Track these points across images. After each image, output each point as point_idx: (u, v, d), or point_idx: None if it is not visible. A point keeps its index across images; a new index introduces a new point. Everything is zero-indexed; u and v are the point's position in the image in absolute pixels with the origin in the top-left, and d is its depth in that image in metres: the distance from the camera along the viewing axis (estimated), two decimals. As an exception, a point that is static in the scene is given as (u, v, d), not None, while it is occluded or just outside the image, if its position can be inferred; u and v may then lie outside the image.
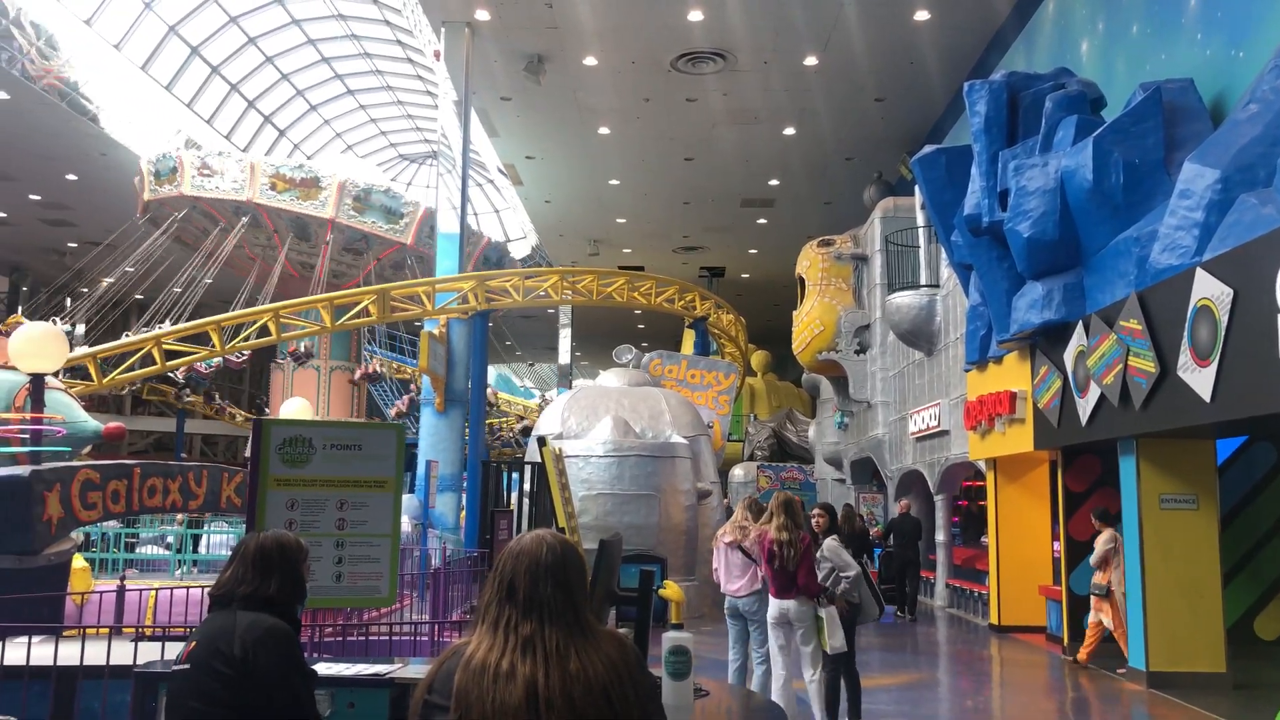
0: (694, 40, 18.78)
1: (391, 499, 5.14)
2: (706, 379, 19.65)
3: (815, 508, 8.48)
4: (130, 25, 24.57)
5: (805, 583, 7.28)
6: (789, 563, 7.26)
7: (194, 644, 3.05)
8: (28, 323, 9.03)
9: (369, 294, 19.23)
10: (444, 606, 10.33)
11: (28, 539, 6.76)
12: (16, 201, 29.53)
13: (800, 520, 7.47)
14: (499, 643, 2.05)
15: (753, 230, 30.31)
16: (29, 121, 24.10)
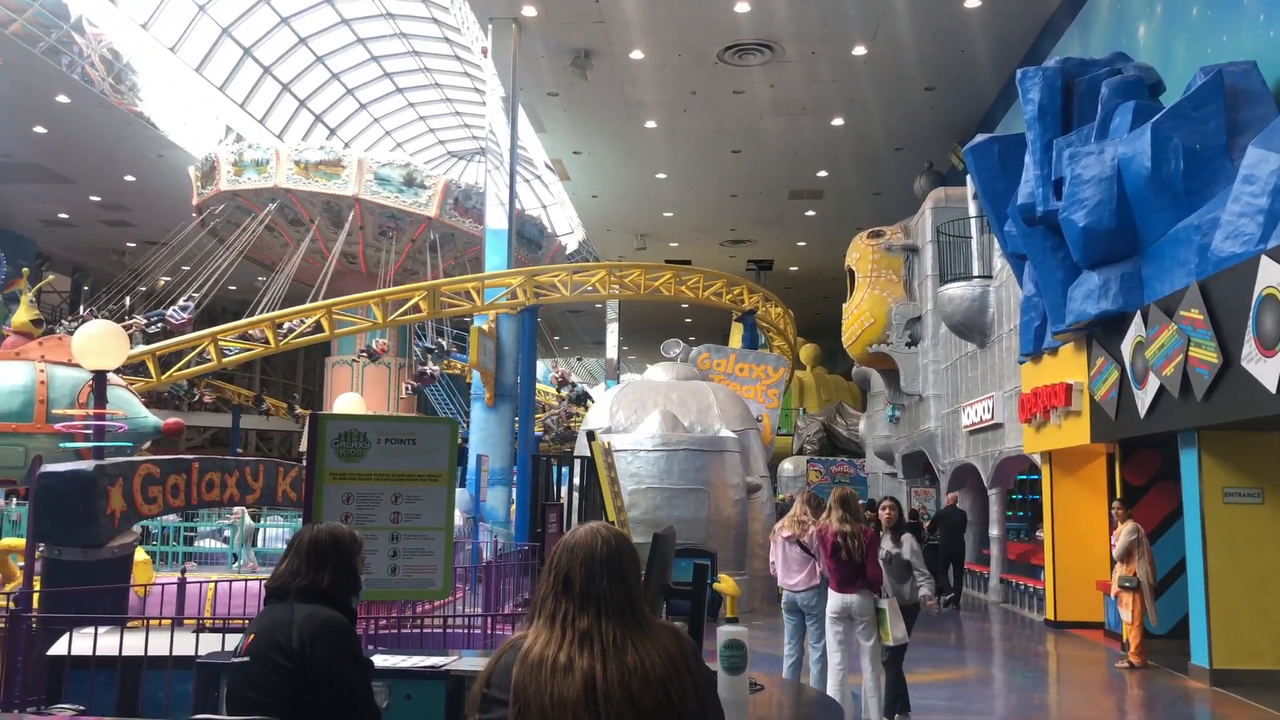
0: (740, 32, 18.67)
1: (445, 492, 5.18)
2: (755, 372, 19.55)
3: (885, 500, 8.39)
4: (185, 29, 25.00)
5: (873, 575, 7.28)
6: (855, 554, 7.23)
7: (252, 636, 3.09)
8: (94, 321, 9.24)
9: (420, 290, 19.41)
10: (496, 599, 10.40)
11: (93, 532, 6.90)
12: (78, 203, 30.24)
13: (858, 514, 7.43)
14: (556, 636, 2.05)
15: (801, 222, 30.10)
16: (89, 125, 24.64)
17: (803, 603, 8.00)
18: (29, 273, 16.40)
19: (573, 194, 29.10)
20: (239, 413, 34.16)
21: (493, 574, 10.82)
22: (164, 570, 12.65)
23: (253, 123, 29.16)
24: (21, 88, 21.57)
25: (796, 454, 29.11)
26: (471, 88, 30.79)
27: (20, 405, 9.60)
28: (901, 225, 21.57)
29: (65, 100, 23.42)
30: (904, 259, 20.98)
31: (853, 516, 7.34)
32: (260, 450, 39.00)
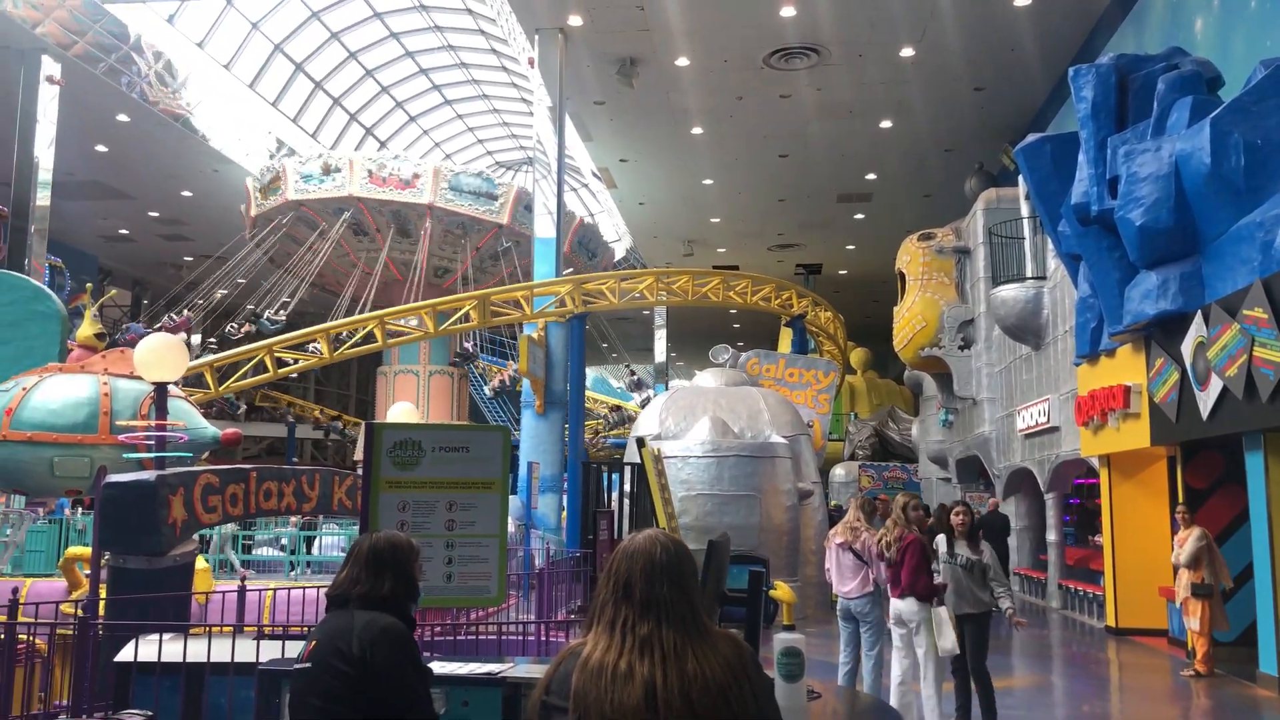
0: (786, 36, 18.62)
1: (498, 500, 5.21)
2: (805, 377, 19.43)
3: (957, 505, 8.11)
4: (239, 46, 25.50)
5: (908, 581, 7.20)
6: (891, 558, 7.27)
7: (314, 643, 3.13)
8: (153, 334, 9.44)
9: (470, 299, 19.57)
10: (549, 606, 10.44)
11: (156, 540, 7.04)
12: (137, 219, 30.99)
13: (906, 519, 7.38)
14: (616, 643, 2.06)
15: (850, 226, 29.91)
16: (147, 142, 25.23)
17: (856, 609, 7.94)
18: (92, 288, 16.82)
19: (620, 201, 29.18)
20: (295, 422, 34.66)
21: (545, 581, 10.86)
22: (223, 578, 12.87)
23: (304, 136, 29.64)
24: (83, 108, 22.15)
25: (848, 460, 28.84)
26: (518, 98, 31.02)
27: (85, 417, 9.83)
28: (952, 227, 21.33)
29: (125, 119, 24.01)
30: (955, 261, 20.74)
31: (898, 521, 7.40)
32: (315, 459, 39.54)
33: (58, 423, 9.77)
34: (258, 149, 28.18)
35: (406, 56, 29.54)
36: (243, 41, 25.48)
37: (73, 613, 8.05)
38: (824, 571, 8.36)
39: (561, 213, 19.72)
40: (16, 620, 6.29)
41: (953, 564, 7.58)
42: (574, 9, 17.89)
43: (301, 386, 39.80)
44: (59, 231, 24.22)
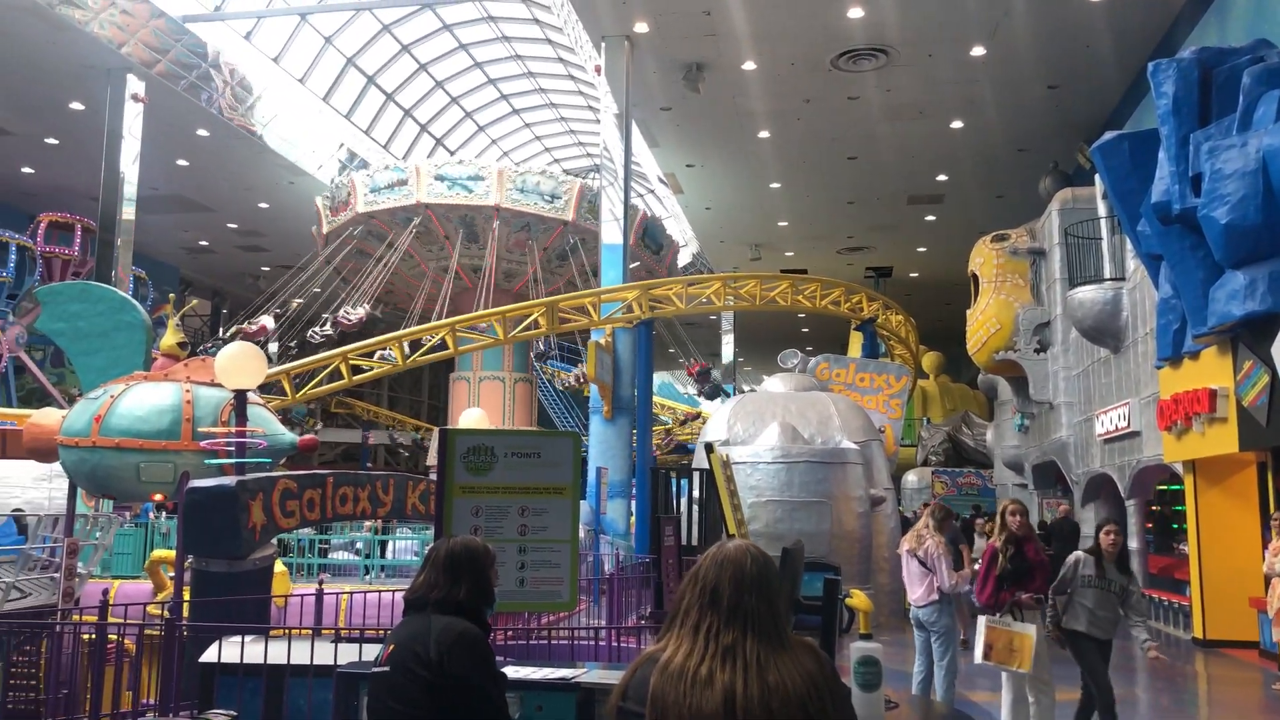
0: (854, 38, 18.45)
1: (569, 505, 5.23)
2: (877, 382, 19.18)
3: (1108, 525, 7.53)
4: (312, 60, 26.07)
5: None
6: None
7: (392, 646, 3.18)
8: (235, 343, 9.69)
9: (538, 306, 19.72)
10: (619, 612, 10.45)
11: (236, 544, 7.22)
12: (216, 230, 31.90)
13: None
14: (699, 648, 2.07)
15: (920, 228, 29.52)
16: (225, 155, 25.93)
17: (923, 617, 7.87)
18: (174, 298, 17.32)
19: (686, 207, 29.17)
20: (369, 428, 35.28)
21: (615, 586, 10.87)
22: (300, 581, 13.13)
23: (376, 148, 30.18)
24: (165, 124, 22.83)
25: (921, 465, 28.45)
26: (585, 106, 31.21)
27: (169, 424, 10.11)
28: (1027, 228, 20.91)
29: (204, 134, 24.70)
30: (1030, 263, 20.32)
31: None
32: (389, 464, 40.17)
33: (143, 429, 10.06)
34: (331, 161, 28.78)
35: (475, 67, 29.90)
36: (316, 56, 26.05)
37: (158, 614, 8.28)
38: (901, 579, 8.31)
39: (628, 219, 19.79)
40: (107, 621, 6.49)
41: (1104, 588, 7.09)
42: (640, 15, 17.95)
43: (375, 393, 40.49)
44: (142, 244, 24.98)
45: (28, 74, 21.26)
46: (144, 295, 26.03)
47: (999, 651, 6.80)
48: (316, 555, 15.98)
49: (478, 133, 34.12)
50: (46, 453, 10.82)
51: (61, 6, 19.31)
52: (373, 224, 25.03)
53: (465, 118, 32.92)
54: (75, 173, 25.00)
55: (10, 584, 10.86)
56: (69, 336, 11.70)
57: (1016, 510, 7.24)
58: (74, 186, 25.89)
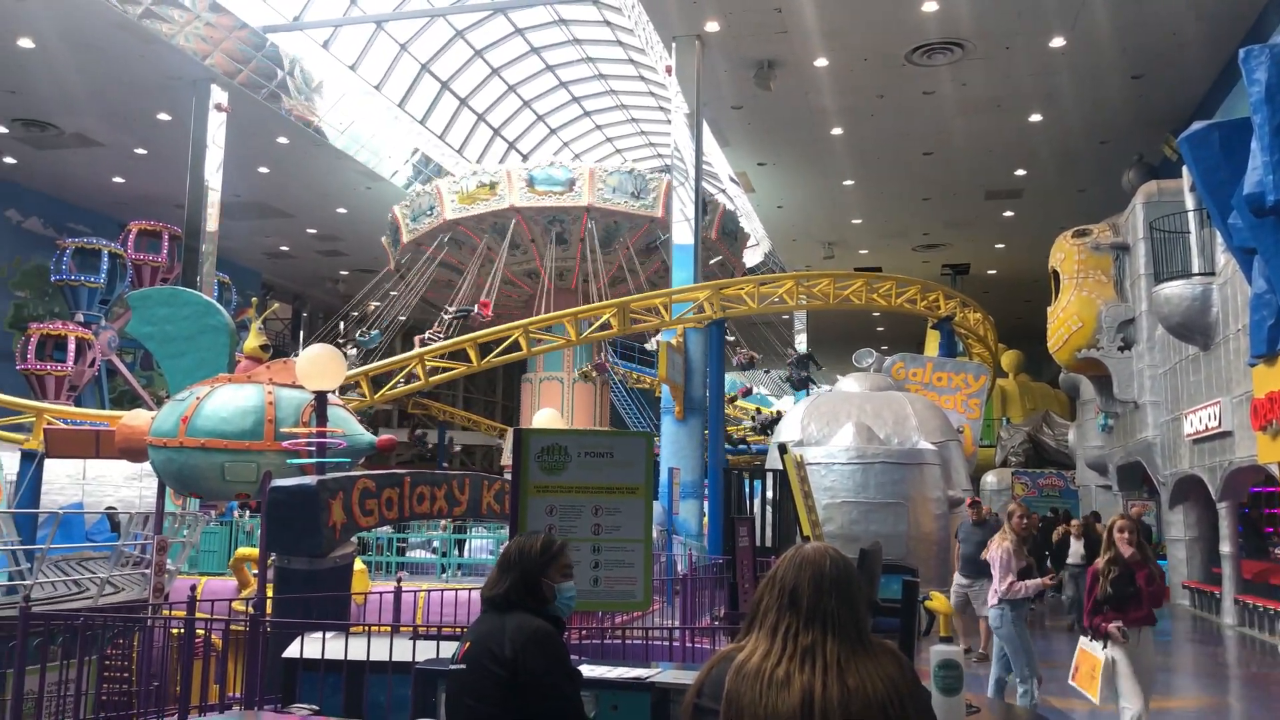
0: (928, 31, 18.17)
1: (642, 505, 5.23)
2: (954, 381, 18.85)
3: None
4: (388, 67, 26.53)
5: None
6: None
7: (468, 644, 3.21)
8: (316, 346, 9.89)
9: (609, 307, 19.78)
10: (693, 613, 10.43)
11: (317, 542, 7.38)
12: (296, 236, 32.70)
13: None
14: (777, 649, 2.05)
15: (998, 224, 28.95)
16: (304, 162, 26.56)
17: (990, 620, 7.75)
18: (257, 302, 17.79)
19: (758, 205, 29.01)
20: (445, 428, 35.79)
21: (689, 587, 10.85)
22: (378, 579, 13.37)
23: (450, 152, 30.60)
24: (247, 132, 23.46)
25: (1000, 466, 27.86)
26: (656, 106, 31.25)
27: (252, 425, 10.38)
28: (1109, 222, 20.35)
29: (284, 141, 25.33)
30: (1113, 258, 19.77)
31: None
32: (464, 464, 40.69)
33: (228, 430, 10.33)
34: (405, 167, 29.27)
35: (547, 70, 30.13)
36: (392, 63, 26.50)
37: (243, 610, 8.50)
38: None
39: (699, 220, 19.75)
40: (195, 616, 6.68)
41: None
42: (711, 15, 17.90)
43: (451, 394, 41.06)
44: (226, 249, 25.69)
45: (118, 87, 22.03)
46: (227, 300, 26.80)
47: (1082, 676, 6.55)
48: (394, 553, 16.25)
49: (549, 136, 34.38)
50: (137, 453, 11.18)
51: (150, 21, 19.97)
52: (459, 230, 24.94)
53: (537, 121, 33.20)
54: (163, 181, 25.82)
55: (105, 579, 11.26)
56: (157, 340, 12.07)
57: (1125, 528, 6.58)
58: (162, 195, 26.76)
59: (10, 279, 27.87)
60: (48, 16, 19.01)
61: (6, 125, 23.98)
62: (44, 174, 27.09)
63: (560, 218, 24.35)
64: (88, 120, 23.78)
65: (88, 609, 9.22)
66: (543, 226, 24.50)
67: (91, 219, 29.39)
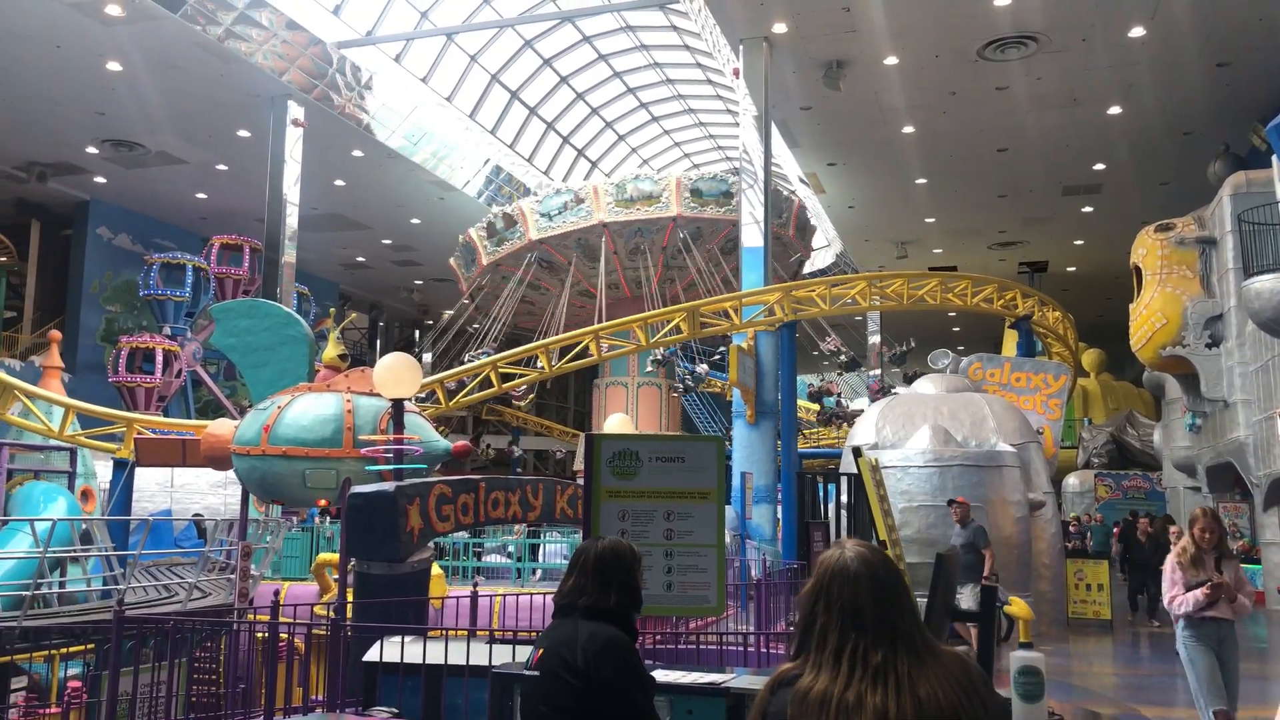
0: (1001, 26, 17.84)
1: (714, 510, 5.22)
2: (1034, 381, 18.42)
3: None
4: (459, 78, 26.92)
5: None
6: None
7: (541, 650, 3.21)
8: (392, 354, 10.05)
9: (679, 311, 19.77)
10: (767, 618, 10.36)
11: (395, 548, 7.49)
12: (372, 247, 33.38)
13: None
14: (844, 672, 1.95)
15: (1077, 220, 28.28)
16: (379, 174, 27.08)
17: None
18: (335, 312, 18.17)
19: (828, 207, 28.77)
20: (518, 434, 36.12)
21: (763, 592, 10.79)
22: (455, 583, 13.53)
23: (520, 161, 30.91)
24: (324, 146, 24.01)
25: (1083, 468, 27.20)
26: (723, 110, 31.18)
27: (332, 432, 10.58)
28: (1194, 216, 19.73)
29: (359, 154, 25.85)
30: (1199, 252, 19.16)
31: None
32: (537, 469, 41.03)
33: (308, 438, 10.56)
34: (477, 176, 29.65)
35: (614, 77, 30.28)
36: (462, 75, 26.88)
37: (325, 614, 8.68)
38: None
39: (769, 222, 19.63)
40: (278, 620, 6.84)
41: None
42: (778, 16, 17.81)
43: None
44: (304, 261, 26.27)
45: (200, 106, 22.73)
46: (306, 310, 27.43)
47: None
48: (470, 558, 16.44)
49: (618, 142, 34.54)
50: (222, 461, 11.49)
51: (230, 41, 20.57)
52: (543, 249, 24.64)
53: (605, 128, 33.37)
54: (243, 196, 26.56)
55: (192, 584, 11.61)
56: (240, 351, 12.38)
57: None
58: (242, 209, 27.53)
59: (102, 294, 28.93)
60: (134, 40, 19.70)
61: (96, 146, 24.90)
62: (131, 192, 28.07)
63: (647, 229, 24.14)
64: (171, 139, 24.57)
65: (177, 613, 9.51)
66: (626, 239, 24.34)
67: (176, 234, 30.38)
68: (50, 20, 18.83)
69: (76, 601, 11.97)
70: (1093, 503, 25.90)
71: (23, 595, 9.89)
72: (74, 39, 19.54)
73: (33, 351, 26.82)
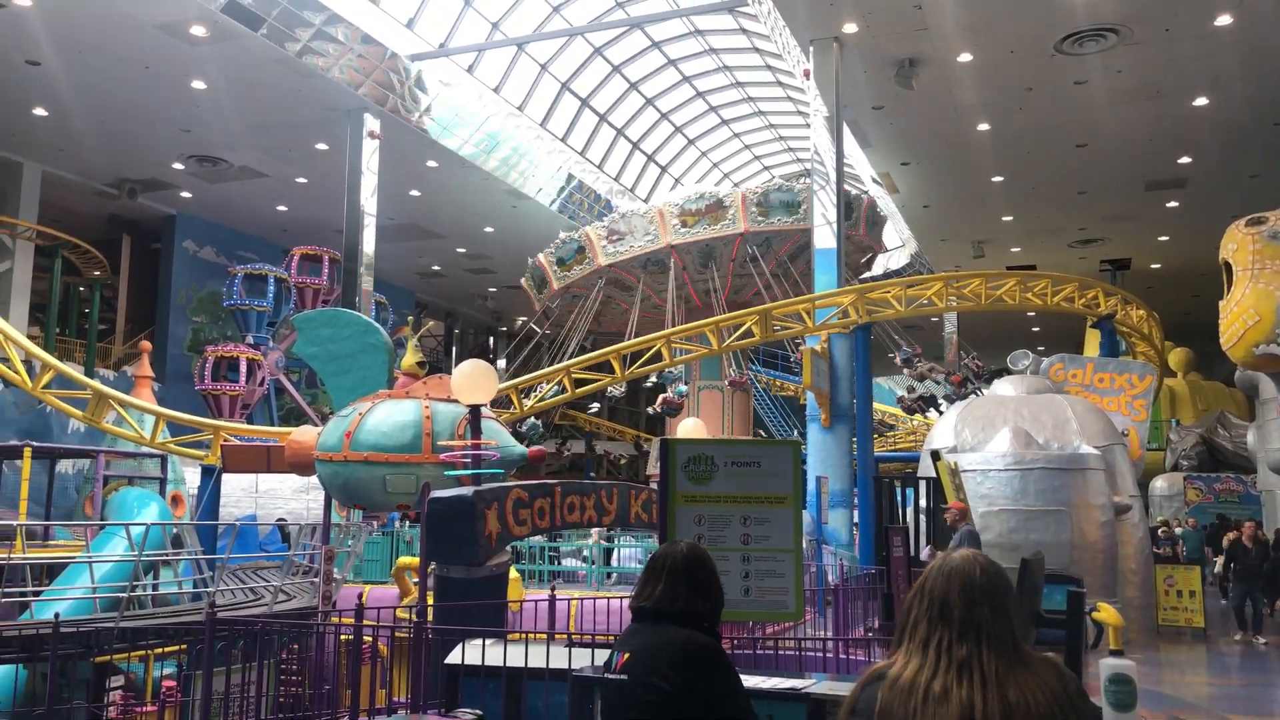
0: (1078, 19, 17.46)
1: (791, 514, 5.18)
2: (1118, 382, 17.93)
3: None
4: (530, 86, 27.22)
5: None
6: None
7: (627, 654, 3.18)
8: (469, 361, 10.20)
9: (751, 315, 19.70)
10: (845, 623, 10.26)
11: (474, 552, 7.59)
12: (447, 256, 33.92)
13: None
14: (930, 663, 2.00)
15: (1161, 215, 27.52)
16: (453, 184, 27.51)
17: None
18: (412, 320, 18.48)
19: (902, 206, 28.42)
20: (591, 438, 36.31)
21: (840, 597, 10.69)
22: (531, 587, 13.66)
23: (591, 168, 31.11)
24: (399, 158, 24.48)
25: (1171, 471, 26.39)
26: (794, 111, 31.01)
27: (411, 438, 10.78)
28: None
29: (433, 164, 26.29)
30: (1293, 246, 18.45)
31: None
32: (610, 474, 41.15)
33: (388, 444, 10.76)
34: (550, 183, 29.91)
35: (684, 82, 30.32)
36: (533, 83, 27.16)
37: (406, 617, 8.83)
38: None
39: (841, 224, 19.45)
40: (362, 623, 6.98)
41: None
42: (849, 16, 17.67)
43: (595, 406, 41.60)
44: (381, 270, 26.79)
45: (280, 120, 23.35)
46: (384, 319, 27.96)
47: None
48: (546, 562, 16.58)
49: (687, 146, 34.57)
50: (305, 467, 11.77)
51: (308, 57, 21.09)
52: (612, 273, 24.84)
53: (675, 132, 33.43)
54: (322, 208, 27.21)
55: (278, 587, 11.90)
56: (321, 359, 12.68)
57: None
58: (321, 220, 28.19)
59: (188, 306, 29.86)
60: (217, 59, 20.32)
61: (183, 162, 25.73)
62: (215, 205, 28.96)
63: (715, 247, 24.12)
64: (253, 153, 25.28)
65: (264, 615, 9.76)
66: (695, 256, 24.34)
67: (258, 246, 31.24)
68: (140, 42, 19.53)
69: (169, 603, 12.35)
70: (1182, 506, 25.10)
71: (119, 597, 10.24)
72: (162, 59, 20.24)
73: (125, 362, 27.84)
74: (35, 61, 20.12)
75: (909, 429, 38.78)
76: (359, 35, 22.05)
